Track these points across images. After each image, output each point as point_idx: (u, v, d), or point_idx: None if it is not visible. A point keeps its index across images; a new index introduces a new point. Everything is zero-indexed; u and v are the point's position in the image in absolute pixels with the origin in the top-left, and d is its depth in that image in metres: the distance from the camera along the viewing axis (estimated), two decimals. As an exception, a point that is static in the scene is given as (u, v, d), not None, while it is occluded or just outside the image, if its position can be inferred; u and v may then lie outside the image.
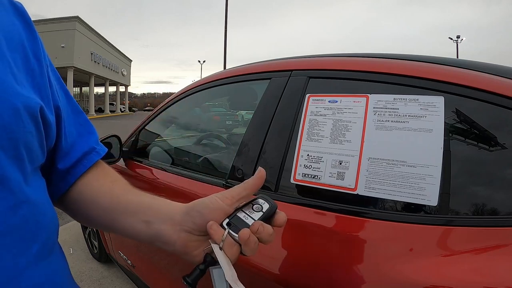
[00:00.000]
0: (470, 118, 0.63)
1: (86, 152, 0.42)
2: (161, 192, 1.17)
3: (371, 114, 0.70)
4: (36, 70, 0.36)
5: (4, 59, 0.31)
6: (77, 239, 2.33)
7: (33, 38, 0.37)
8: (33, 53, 0.36)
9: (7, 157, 0.28)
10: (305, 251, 0.68)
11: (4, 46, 0.32)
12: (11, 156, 0.29)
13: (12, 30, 0.34)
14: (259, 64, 1.09)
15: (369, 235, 0.63)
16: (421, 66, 0.73)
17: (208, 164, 1.38)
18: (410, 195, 0.60)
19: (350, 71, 0.80)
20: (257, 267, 0.73)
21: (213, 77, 1.23)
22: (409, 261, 0.56)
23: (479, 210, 0.56)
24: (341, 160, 0.70)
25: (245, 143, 0.93)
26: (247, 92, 1.24)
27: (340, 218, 0.67)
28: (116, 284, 1.82)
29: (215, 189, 0.94)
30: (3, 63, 0.31)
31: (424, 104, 0.65)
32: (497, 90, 0.60)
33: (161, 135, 1.64)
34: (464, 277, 0.51)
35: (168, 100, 1.44)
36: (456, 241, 0.56)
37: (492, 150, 0.60)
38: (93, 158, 0.43)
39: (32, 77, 0.35)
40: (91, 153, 0.43)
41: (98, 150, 0.44)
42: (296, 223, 0.72)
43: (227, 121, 4.95)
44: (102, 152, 0.44)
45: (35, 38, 0.37)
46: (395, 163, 0.63)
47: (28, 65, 0.35)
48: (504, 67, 0.71)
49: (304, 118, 0.79)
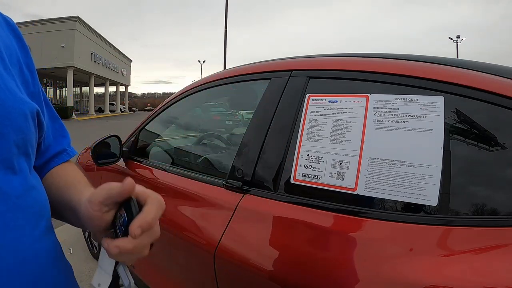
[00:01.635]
0: (470, 118, 0.63)
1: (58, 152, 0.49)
2: (161, 192, 1.17)
3: (371, 114, 0.70)
4: (29, 81, 0.42)
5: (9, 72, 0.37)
6: (77, 239, 2.33)
7: (25, 51, 0.43)
8: (26, 65, 0.42)
9: (20, 153, 0.36)
10: (305, 251, 0.69)
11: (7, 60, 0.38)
12: (22, 152, 0.36)
13: (10, 46, 0.40)
14: (259, 64, 1.09)
15: (369, 235, 0.63)
16: (421, 66, 0.73)
17: (208, 164, 1.38)
18: (410, 195, 0.60)
19: (350, 71, 0.80)
20: (257, 267, 0.73)
21: (213, 77, 1.23)
22: (409, 261, 0.56)
23: (479, 210, 0.56)
24: (341, 160, 0.70)
25: (245, 143, 0.93)
26: (247, 92, 1.24)
27: (340, 218, 0.67)
28: (116, 284, 1.82)
29: (215, 189, 0.94)
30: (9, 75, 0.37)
31: (424, 104, 0.65)
32: (497, 90, 0.60)
33: (161, 135, 1.64)
34: (464, 277, 0.51)
35: (168, 100, 1.44)
36: (456, 241, 0.56)
37: (492, 150, 0.60)
38: (64, 158, 0.49)
39: (26, 87, 0.41)
40: (63, 153, 0.49)
41: (69, 152, 0.51)
42: (296, 223, 0.72)
43: (227, 121, 4.95)
44: (72, 154, 0.51)
45: (26, 51, 0.43)
46: (395, 163, 0.63)
47: (23, 76, 0.41)
48: (504, 67, 0.71)
49: (304, 118, 0.79)
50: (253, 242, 0.77)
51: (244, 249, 0.78)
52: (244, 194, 0.85)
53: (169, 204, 1.17)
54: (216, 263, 0.83)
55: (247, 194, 0.84)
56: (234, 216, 0.83)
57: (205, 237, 0.89)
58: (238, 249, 0.79)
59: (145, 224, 0.32)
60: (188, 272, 1.03)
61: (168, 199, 1.12)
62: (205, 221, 0.92)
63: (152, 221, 0.32)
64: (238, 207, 0.83)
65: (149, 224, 0.32)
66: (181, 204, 1.03)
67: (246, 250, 0.77)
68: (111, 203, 0.35)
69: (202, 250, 0.88)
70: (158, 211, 0.34)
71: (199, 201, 0.98)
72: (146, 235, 0.32)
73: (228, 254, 0.80)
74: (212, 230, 0.87)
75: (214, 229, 0.86)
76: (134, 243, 0.32)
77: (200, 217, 0.95)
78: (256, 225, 0.79)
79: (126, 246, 0.32)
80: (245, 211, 0.82)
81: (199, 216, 0.95)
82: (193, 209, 0.99)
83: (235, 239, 0.81)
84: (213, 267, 0.84)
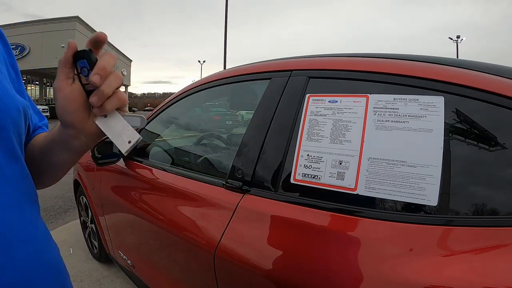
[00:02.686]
0: (470, 118, 0.63)
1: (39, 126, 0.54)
2: (161, 192, 1.17)
3: (371, 114, 0.70)
4: (14, 79, 0.47)
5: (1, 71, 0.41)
6: (77, 239, 2.33)
7: (8, 50, 0.47)
8: (11, 64, 0.46)
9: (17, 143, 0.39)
10: (305, 251, 0.68)
11: None
12: (18, 143, 0.40)
13: None
14: (259, 64, 1.09)
15: (369, 235, 0.63)
16: (421, 66, 0.73)
17: (208, 164, 1.38)
18: (410, 195, 0.60)
19: (350, 71, 0.80)
20: (257, 267, 0.73)
21: (213, 77, 1.23)
22: (409, 261, 0.56)
23: (479, 210, 0.56)
24: (341, 160, 0.70)
25: (245, 143, 0.93)
26: (247, 92, 1.24)
27: (340, 218, 0.67)
28: (116, 284, 1.82)
29: (215, 189, 0.94)
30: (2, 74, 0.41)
31: (424, 104, 0.65)
32: (497, 90, 0.60)
33: (161, 135, 1.64)
34: (464, 277, 0.51)
35: (168, 100, 1.44)
36: (456, 241, 0.56)
37: (492, 150, 0.60)
38: (44, 129, 0.54)
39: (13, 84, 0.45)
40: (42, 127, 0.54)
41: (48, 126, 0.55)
42: (296, 223, 0.72)
43: (227, 121, 4.96)
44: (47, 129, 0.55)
45: (9, 50, 0.47)
46: (395, 163, 0.63)
47: (10, 74, 0.45)
48: (504, 67, 0.71)
49: (304, 118, 0.79)
50: (253, 242, 0.77)
51: (244, 249, 0.78)
52: (244, 194, 0.85)
53: (169, 204, 1.18)
54: (216, 263, 0.83)
55: (247, 194, 0.84)
56: (234, 216, 0.83)
57: (205, 237, 0.89)
58: (238, 249, 0.79)
59: (102, 70, 0.36)
60: (188, 272, 1.03)
61: (168, 199, 1.12)
62: (205, 221, 0.92)
63: (107, 64, 0.37)
64: (238, 207, 0.83)
65: (105, 69, 0.36)
66: (181, 204, 1.03)
67: (246, 250, 0.77)
68: (69, 69, 0.38)
69: (202, 250, 0.88)
70: (109, 57, 0.38)
71: (199, 201, 0.98)
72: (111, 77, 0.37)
73: (228, 254, 0.80)
74: (212, 230, 0.87)
75: (214, 229, 0.86)
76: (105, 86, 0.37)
77: (200, 217, 0.95)
78: (256, 225, 0.79)
79: (100, 93, 0.37)
80: (245, 211, 0.82)
81: (199, 216, 0.95)
82: (193, 209, 0.99)
83: (235, 239, 0.81)
84: (213, 267, 0.84)
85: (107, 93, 0.37)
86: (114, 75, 0.37)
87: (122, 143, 0.39)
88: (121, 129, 0.40)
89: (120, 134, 0.39)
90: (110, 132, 0.39)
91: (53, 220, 2.78)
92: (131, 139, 0.39)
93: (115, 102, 0.39)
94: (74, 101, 0.38)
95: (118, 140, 0.39)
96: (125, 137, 0.39)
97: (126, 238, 1.48)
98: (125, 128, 0.40)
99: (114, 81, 0.37)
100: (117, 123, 0.40)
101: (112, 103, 0.38)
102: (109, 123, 0.40)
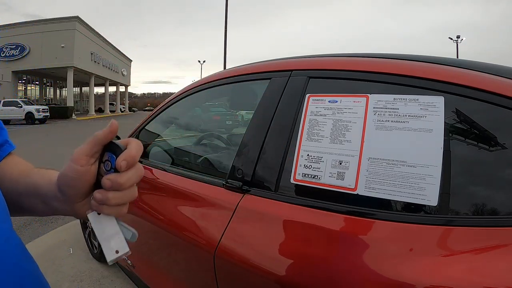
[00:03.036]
0: (470, 118, 0.63)
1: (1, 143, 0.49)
2: (161, 192, 1.17)
3: (371, 114, 0.70)
4: None
5: None
6: (77, 239, 2.33)
7: None
8: None
9: None
10: (305, 251, 0.69)
11: None
12: None
13: None
14: (259, 64, 1.09)
15: (369, 235, 0.63)
16: (421, 66, 0.73)
17: (208, 164, 1.38)
18: (410, 195, 0.60)
19: (350, 71, 0.80)
20: (257, 267, 0.73)
21: (213, 77, 1.23)
22: (409, 261, 0.56)
23: (479, 210, 0.56)
24: (341, 160, 0.70)
25: (245, 143, 0.93)
26: (247, 92, 1.24)
27: (340, 218, 0.67)
28: (116, 284, 1.82)
29: (215, 189, 0.94)
30: None
31: (424, 104, 0.65)
32: (497, 90, 0.60)
33: (161, 135, 1.64)
34: (464, 277, 0.51)
35: (168, 100, 1.44)
36: (456, 241, 0.56)
37: (492, 150, 0.60)
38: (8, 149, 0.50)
39: None
40: (5, 145, 0.49)
41: (10, 143, 0.51)
42: (296, 223, 0.72)
43: (227, 121, 4.96)
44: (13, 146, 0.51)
45: None
46: (395, 163, 0.63)
47: None
48: (504, 67, 0.71)
49: (304, 118, 0.79)
50: (253, 242, 0.77)
51: (244, 249, 0.78)
52: (244, 194, 0.85)
53: (169, 204, 1.18)
54: (216, 263, 0.83)
55: (247, 194, 0.84)
56: (234, 216, 0.83)
57: (205, 237, 0.89)
58: (238, 249, 0.79)
59: (130, 158, 0.34)
60: (188, 272, 1.03)
61: (168, 199, 1.12)
62: (205, 221, 0.92)
63: (136, 154, 0.34)
64: (238, 207, 0.83)
65: (133, 158, 0.34)
66: (181, 204, 1.03)
67: (246, 250, 0.77)
68: (97, 151, 0.36)
69: (202, 250, 0.88)
70: (139, 146, 0.36)
71: (199, 201, 0.98)
72: (133, 171, 0.34)
73: (228, 254, 0.80)
74: (212, 230, 0.87)
75: (214, 229, 0.86)
76: (124, 176, 0.34)
77: (200, 217, 0.95)
78: (256, 225, 0.79)
79: (117, 179, 0.33)
80: (245, 211, 0.82)
81: (199, 216, 0.95)
82: (193, 209, 0.99)
83: (235, 239, 0.81)
84: (213, 267, 0.84)
85: (123, 183, 0.34)
86: (136, 169, 0.35)
87: (109, 250, 0.35)
88: (112, 234, 0.36)
89: (109, 239, 0.35)
90: (100, 233, 0.36)
91: (53, 220, 2.78)
92: (119, 249, 0.35)
93: (120, 199, 0.35)
94: (83, 181, 0.36)
95: (106, 244, 0.35)
96: (114, 245, 0.35)
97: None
98: (116, 235, 0.36)
99: (134, 175, 0.35)
100: (110, 227, 0.36)
101: (116, 200, 0.35)
102: (102, 223, 0.36)
